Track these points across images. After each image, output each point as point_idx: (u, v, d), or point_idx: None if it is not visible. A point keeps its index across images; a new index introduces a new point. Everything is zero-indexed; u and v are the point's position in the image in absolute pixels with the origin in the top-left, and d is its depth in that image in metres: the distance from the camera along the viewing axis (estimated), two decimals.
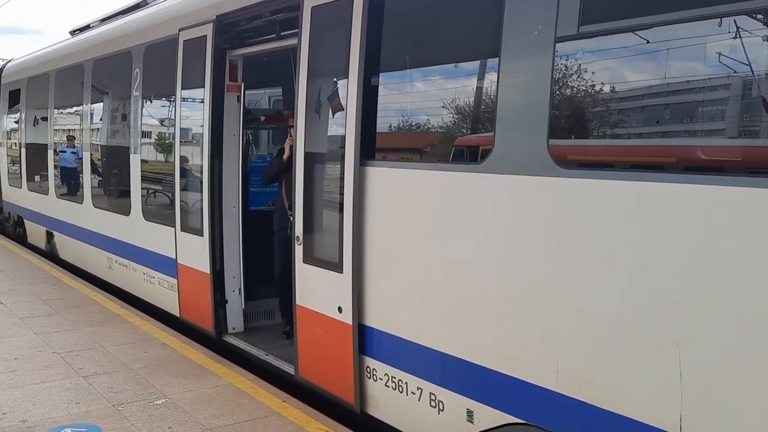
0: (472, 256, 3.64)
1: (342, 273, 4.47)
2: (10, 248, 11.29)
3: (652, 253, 2.83)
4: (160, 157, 7.62)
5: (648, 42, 2.97)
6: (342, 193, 4.43)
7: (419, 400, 4.04)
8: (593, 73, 3.17)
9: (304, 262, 4.88)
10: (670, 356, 2.75)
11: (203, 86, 6.18)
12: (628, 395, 2.94)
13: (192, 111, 6.56)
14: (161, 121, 7.46)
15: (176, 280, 6.78)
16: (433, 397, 3.95)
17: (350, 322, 4.44)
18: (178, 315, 6.85)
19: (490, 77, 3.63)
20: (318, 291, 4.76)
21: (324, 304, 4.69)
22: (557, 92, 3.23)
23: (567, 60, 3.20)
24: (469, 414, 3.71)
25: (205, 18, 6.14)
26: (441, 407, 3.89)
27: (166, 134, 7.29)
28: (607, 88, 3.15)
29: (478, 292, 3.62)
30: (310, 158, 4.84)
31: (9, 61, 13.98)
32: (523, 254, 3.36)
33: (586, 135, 3.35)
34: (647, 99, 3.10)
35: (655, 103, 3.09)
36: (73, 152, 9.87)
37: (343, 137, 4.42)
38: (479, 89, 3.82)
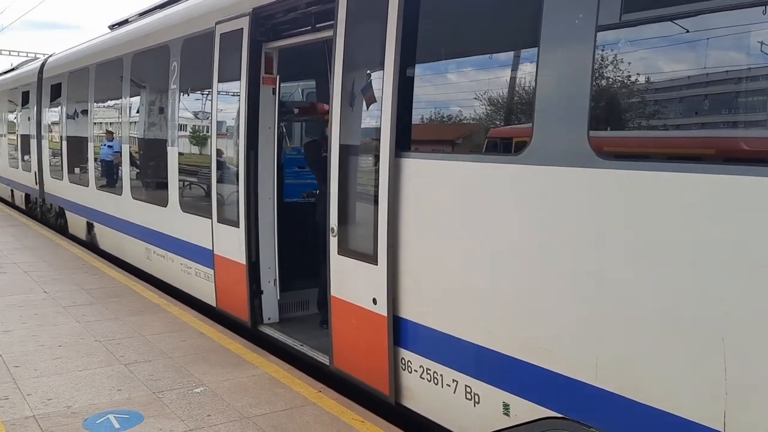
0: (509, 248, 3.61)
1: (377, 265, 4.48)
2: (52, 239, 11.59)
3: (695, 246, 2.77)
4: (197, 149, 7.73)
5: (691, 31, 2.90)
6: (377, 185, 4.43)
7: (454, 392, 4.03)
8: (635, 62, 3.11)
9: (338, 254, 4.90)
10: (715, 351, 2.69)
11: (239, 79, 6.24)
12: (670, 390, 2.89)
13: (228, 104, 6.62)
14: (198, 114, 7.55)
15: (213, 271, 6.87)
16: (468, 390, 3.94)
17: (385, 314, 4.45)
18: (214, 305, 6.95)
19: (529, 68, 3.58)
20: (353, 282, 4.78)
21: (359, 295, 4.71)
22: (598, 82, 3.17)
23: (608, 49, 3.15)
24: (505, 407, 3.69)
25: (241, 11, 6.19)
26: (477, 400, 3.88)
27: (203, 127, 7.38)
28: (649, 78, 3.09)
29: (514, 284, 3.59)
30: (345, 150, 4.85)
31: (50, 56, 14.30)
32: (561, 246, 3.32)
33: (627, 126, 3.29)
34: (690, 89, 3.03)
35: (697, 94, 3.02)
36: (111, 145, 10.06)
37: (378, 129, 4.42)
38: (517, 80, 3.77)
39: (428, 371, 4.23)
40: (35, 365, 5.29)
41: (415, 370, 4.34)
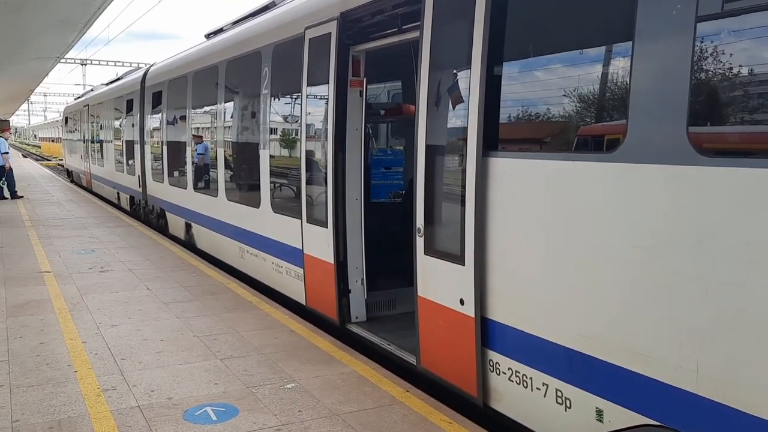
0: (603, 249, 3.50)
1: (464, 265, 4.46)
2: (154, 238, 12.26)
3: None
4: (287, 152, 7.95)
5: None
6: (464, 184, 4.41)
7: (545, 396, 3.95)
8: (738, 54, 2.93)
9: (425, 254, 4.91)
10: None
11: (327, 82, 6.37)
12: None
13: (317, 107, 6.78)
14: (288, 118, 7.77)
15: (302, 270, 7.06)
16: (559, 394, 3.85)
17: (472, 315, 4.42)
18: (304, 303, 7.13)
19: (623, 62, 3.46)
20: (439, 282, 4.78)
21: (445, 295, 4.70)
22: (698, 76, 3.02)
23: (709, 41, 2.99)
24: (599, 413, 3.58)
25: (329, 16, 6.32)
26: (568, 404, 3.78)
27: (293, 130, 7.59)
28: (753, 71, 2.90)
29: (608, 286, 3.48)
30: (431, 150, 4.85)
31: (151, 65, 15.13)
32: (658, 247, 3.18)
33: (730, 121, 3.11)
34: None
35: None
36: (208, 149, 10.53)
37: (465, 128, 4.39)
38: (609, 75, 3.65)
39: (517, 374, 4.16)
40: (140, 358, 5.62)
41: (503, 372, 4.28)
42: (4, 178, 19.15)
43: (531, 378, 4.05)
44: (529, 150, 4.22)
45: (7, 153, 19.33)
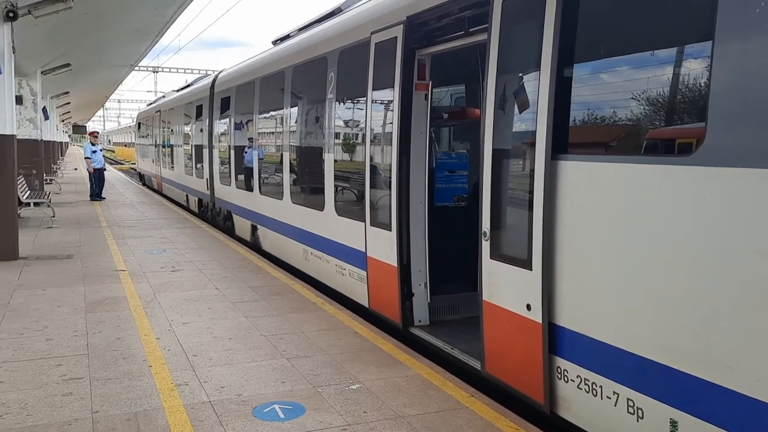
0: (678, 255, 3.39)
1: (531, 270, 4.40)
2: (221, 240, 12.62)
3: None
4: (351, 155, 8.04)
5: None
6: (532, 188, 4.35)
7: (615, 405, 3.85)
8: None
9: (491, 258, 4.87)
10: None
11: (393, 86, 6.41)
12: None
13: (382, 111, 6.83)
14: (353, 122, 7.87)
15: (365, 273, 7.11)
16: (630, 403, 3.75)
17: (539, 321, 4.35)
18: (367, 305, 7.19)
19: (701, 62, 3.34)
20: (505, 287, 4.73)
21: (512, 300, 4.65)
22: None
23: None
24: (673, 424, 3.46)
25: (395, 20, 6.37)
26: (640, 414, 3.68)
27: (357, 134, 7.67)
28: None
29: (685, 295, 3.36)
30: (497, 153, 4.82)
31: (220, 72, 15.59)
32: (739, 254, 3.06)
33: None
34: None
35: None
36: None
37: (534, 131, 4.34)
38: (687, 76, 3.53)
39: (586, 381, 4.08)
40: (210, 355, 5.79)
41: (571, 380, 4.20)
42: (93, 180, 20.31)
43: (601, 386, 3.96)
44: (600, 153, 4.13)
45: (89, 158, 20.39)
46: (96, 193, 20.37)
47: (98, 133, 25.34)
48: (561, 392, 4.31)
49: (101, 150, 21.30)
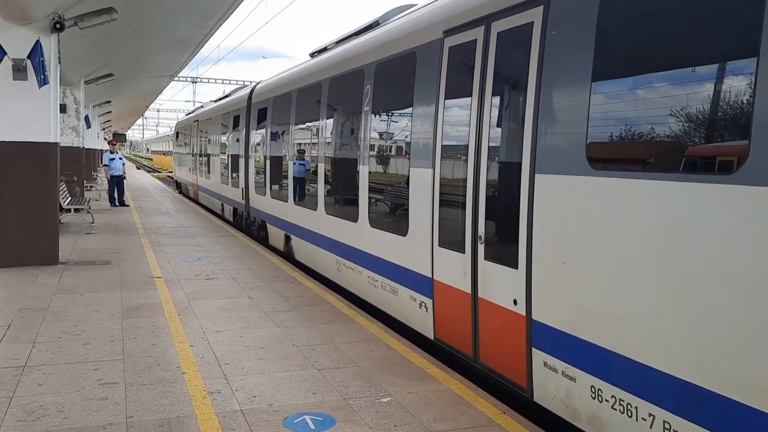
0: (716, 274, 3.31)
1: (517, 269, 4.36)
2: (255, 249, 12.74)
3: None
4: (387, 168, 8.05)
5: None
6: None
7: (651, 427, 3.77)
8: None
9: (485, 259, 4.86)
10: None
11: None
12: None
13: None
14: (389, 135, 7.88)
15: (431, 300, 6.89)
16: (667, 427, 3.66)
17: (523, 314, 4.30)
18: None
19: (744, 79, 3.27)
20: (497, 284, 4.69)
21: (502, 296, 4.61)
22: None
23: None
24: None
25: (432, 37, 6.39)
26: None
27: (394, 147, 7.67)
28: None
29: (724, 315, 3.28)
30: (491, 170, 5.34)
31: (258, 83, 15.82)
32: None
33: None
34: None
35: None
36: (307, 164, 10.85)
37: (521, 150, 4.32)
38: (728, 92, 3.45)
39: (621, 402, 4.00)
40: (242, 364, 5.84)
41: (606, 400, 4.12)
42: (114, 186, 20.96)
43: (636, 407, 3.87)
44: (627, 169, 4.02)
45: (107, 165, 20.96)
46: (115, 198, 20.83)
47: (117, 141, 26.10)
48: (596, 413, 4.23)
49: (121, 158, 21.81)
